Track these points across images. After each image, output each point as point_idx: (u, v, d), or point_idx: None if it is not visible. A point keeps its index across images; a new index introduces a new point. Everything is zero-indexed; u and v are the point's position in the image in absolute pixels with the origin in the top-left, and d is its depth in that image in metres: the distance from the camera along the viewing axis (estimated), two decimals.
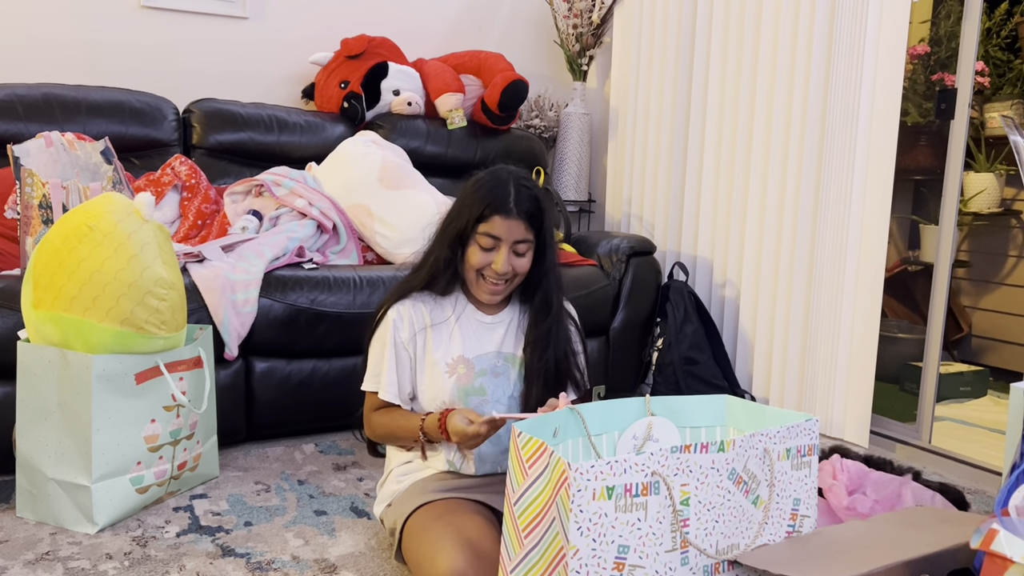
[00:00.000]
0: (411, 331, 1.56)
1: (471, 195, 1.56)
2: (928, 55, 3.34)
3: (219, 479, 1.99)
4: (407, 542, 1.47)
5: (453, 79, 3.10)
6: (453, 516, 1.42)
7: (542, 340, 1.59)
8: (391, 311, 1.58)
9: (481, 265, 1.54)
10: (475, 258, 1.54)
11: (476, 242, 1.53)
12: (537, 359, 1.57)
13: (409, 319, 1.57)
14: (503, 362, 1.59)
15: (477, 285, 1.57)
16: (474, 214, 1.53)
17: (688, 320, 2.69)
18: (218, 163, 2.76)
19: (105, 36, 2.81)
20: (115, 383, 1.66)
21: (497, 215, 1.52)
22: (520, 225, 1.53)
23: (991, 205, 3.36)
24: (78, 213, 1.67)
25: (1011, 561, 1.06)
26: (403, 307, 1.57)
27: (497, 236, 1.52)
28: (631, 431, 1.38)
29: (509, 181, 1.55)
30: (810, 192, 2.52)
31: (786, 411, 1.37)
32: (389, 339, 1.56)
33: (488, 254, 1.53)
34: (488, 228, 1.52)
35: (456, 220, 1.56)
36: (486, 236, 1.52)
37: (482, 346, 1.59)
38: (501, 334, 1.61)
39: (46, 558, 1.56)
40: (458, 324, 1.59)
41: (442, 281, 1.57)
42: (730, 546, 1.23)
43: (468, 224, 1.53)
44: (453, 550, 1.34)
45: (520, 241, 1.54)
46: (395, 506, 1.55)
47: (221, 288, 2.06)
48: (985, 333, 3.57)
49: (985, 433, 2.60)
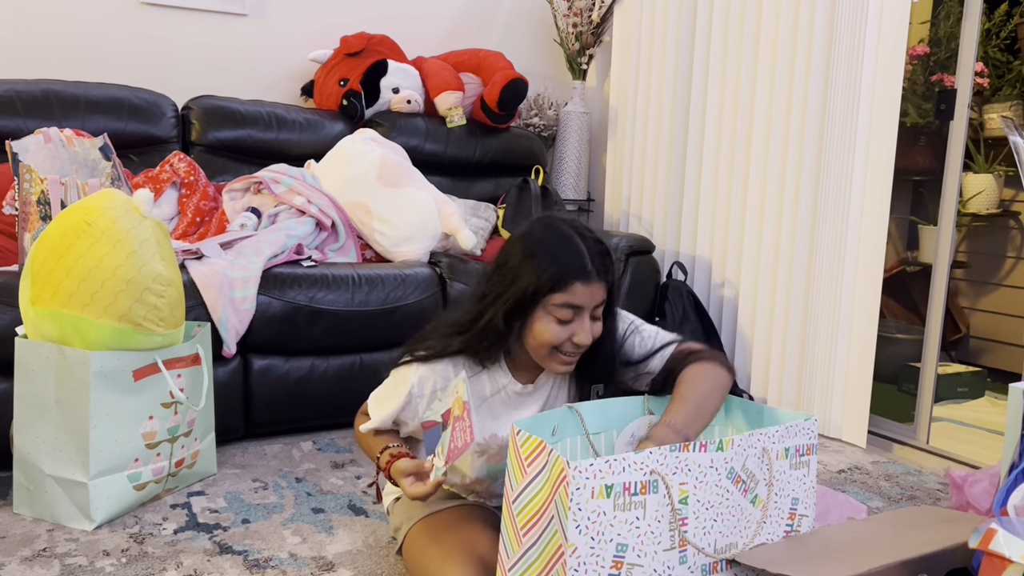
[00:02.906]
0: (428, 400, 1.40)
1: (539, 257, 1.32)
2: (928, 56, 3.35)
3: (217, 476, 1.99)
4: (413, 549, 1.40)
5: (452, 77, 3.10)
6: (464, 529, 1.36)
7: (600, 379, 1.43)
8: (413, 373, 1.40)
9: (559, 340, 1.33)
10: (550, 334, 1.33)
11: (550, 314, 1.32)
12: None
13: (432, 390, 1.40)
14: None
15: (550, 359, 1.37)
16: (546, 279, 1.30)
17: (687, 319, 2.69)
18: (217, 160, 2.76)
19: (104, 32, 2.81)
20: (113, 380, 1.65)
21: (579, 282, 1.30)
22: (601, 288, 1.34)
23: (990, 206, 3.36)
24: (76, 209, 1.67)
25: (1009, 560, 1.06)
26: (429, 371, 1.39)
27: (579, 305, 1.32)
28: (629, 430, 1.38)
29: (574, 237, 1.34)
30: (809, 192, 2.52)
31: (784, 410, 1.37)
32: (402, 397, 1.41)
33: (567, 327, 1.33)
34: (568, 298, 1.31)
35: (518, 287, 1.33)
36: (566, 308, 1.31)
37: (519, 418, 1.42)
38: (543, 402, 1.47)
39: (43, 555, 1.55)
40: (496, 396, 1.44)
41: (486, 352, 1.39)
42: (728, 545, 1.23)
43: (538, 291, 1.31)
44: (463, 568, 1.26)
45: (599, 305, 1.35)
46: (404, 503, 1.49)
47: (219, 285, 2.06)
48: (983, 334, 3.57)
49: (983, 434, 2.61)
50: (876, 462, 2.30)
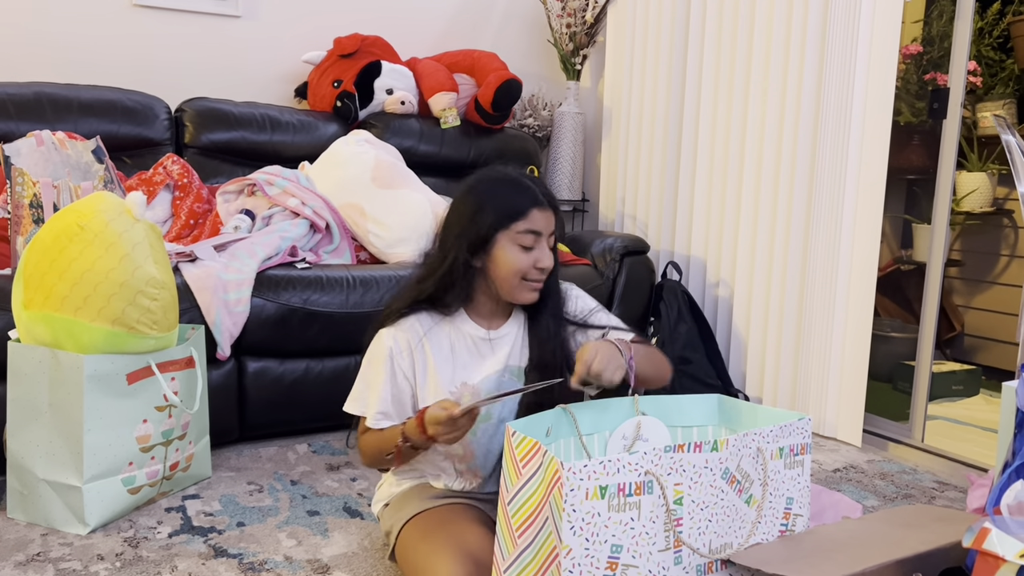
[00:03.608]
0: (410, 358, 1.44)
1: (490, 196, 1.43)
2: (921, 55, 3.35)
3: (211, 479, 1.98)
4: (404, 548, 1.41)
5: (447, 78, 3.10)
6: (454, 525, 1.37)
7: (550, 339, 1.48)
8: (387, 338, 1.44)
9: (524, 267, 1.42)
10: (517, 261, 1.41)
11: (514, 243, 1.41)
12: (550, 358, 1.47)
13: (407, 343, 1.44)
14: (510, 377, 1.48)
15: (519, 288, 1.44)
16: (504, 212, 1.41)
17: (682, 319, 2.69)
18: (210, 162, 2.75)
19: (97, 35, 2.80)
20: (106, 383, 1.65)
21: (534, 208, 1.42)
22: (552, 216, 1.45)
23: (983, 204, 3.37)
24: (69, 212, 1.66)
25: (1003, 559, 1.06)
26: (399, 332, 1.44)
27: (538, 231, 1.42)
28: (620, 431, 1.38)
29: (519, 177, 1.47)
30: (803, 191, 2.53)
31: (778, 410, 1.37)
32: (386, 365, 1.44)
33: (530, 253, 1.42)
34: (529, 224, 1.41)
35: (476, 224, 1.42)
36: (527, 234, 1.41)
37: (486, 366, 1.47)
38: (507, 349, 1.49)
39: (37, 559, 1.55)
40: (461, 343, 1.48)
41: (456, 290, 1.44)
42: (723, 545, 1.23)
43: (497, 224, 1.41)
44: (453, 563, 1.27)
45: (552, 234, 1.46)
46: (393, 507, 1.50)
47: (213, 288, 2.06)
48: (977, 332, 3.58)
49: (977, 432, 2.61)
50: (871, 461, 2.30)
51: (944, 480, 2.18)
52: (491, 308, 1.50)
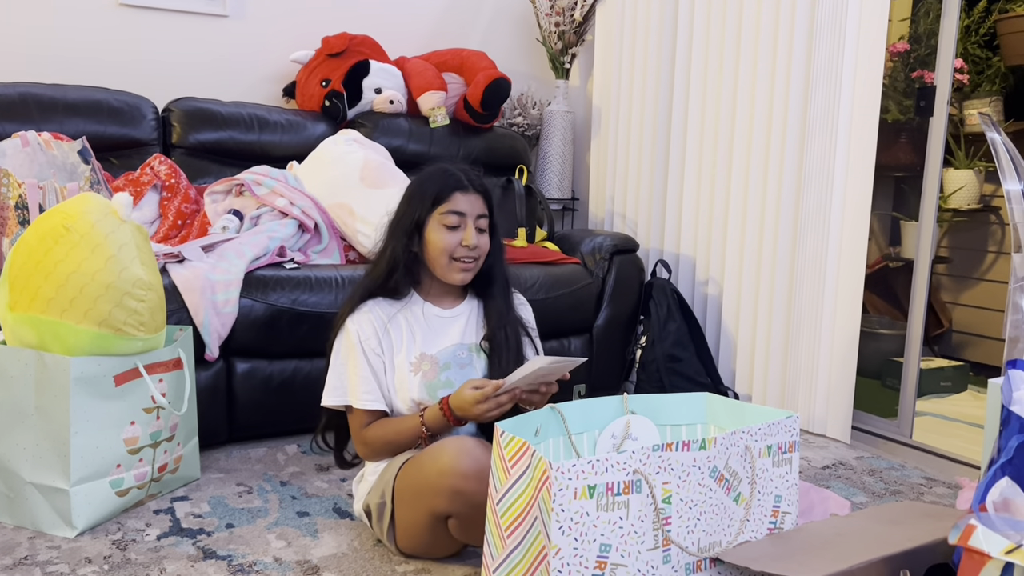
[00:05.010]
0: (376, 339, 1.56)
1: (420, 185, 1.60)
2: (908, 53, 3.37)
3: (200, 481, 1.97)
4: (403, 483, 1.46)
5: (435, 77, 3.09)
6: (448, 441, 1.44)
7: (503, 320, 1.61)
8: (350, 324, 1.57)
9: (450, 246, 1.55)
10: (443, 241, 1.55)
11: (440, 224, 1.55)
12: (503, 339, 1.59)
13: (371, 325, 1.56)
14: (467, 352, 1.60)
15: (449, 268, 1.57)
16: (430, 197, 1.56)
17: (671, 318, 2.70)
18: (198, 162, 2.74)
19: (83, 34, 2.78)
20: (93, 385, 1.64)
21: (457, 191, 1.56)
22: (479, 200, 1.58)
23: (971, 201, 3.39)
24: (55, 214, 1.65)
25: (988, 556, 1.07)
26: (360, 317, 1.57)
27: (461, 211, 1.55)
28: (609, 430, 1.38)
29: (450, 167, 1.60)
30: (791, 189, 2.53)
31: (766, 408, 1.38)
32: (357, 350, 1.55)
33: (455, 232, 1.55)
34: (450, 206, 1.55)
35: (409, 211, 1.58)
36: (450, 214, 1.55)
37: (443, 340, 1.60)
38: (461, 326, 1.63)
39: (24, 563, 1.54)
40: (417, 322, 1.60)
41: (400, 274, 1.57)
42: (712, 543, 1.24)
43: (425, 209, 1.56)
44: (456, 453, 1.37)
45: (481, 216, 1.58)
46: (378, 481, 1.55)
47: (201, 288, 2.05)
48: (965, 328, 3.60)
49: (966, 428, 2.63)
50: (860, 457, 2.31)
51: (932, 476, 2.19)
52: (442, 288, 1.64)
